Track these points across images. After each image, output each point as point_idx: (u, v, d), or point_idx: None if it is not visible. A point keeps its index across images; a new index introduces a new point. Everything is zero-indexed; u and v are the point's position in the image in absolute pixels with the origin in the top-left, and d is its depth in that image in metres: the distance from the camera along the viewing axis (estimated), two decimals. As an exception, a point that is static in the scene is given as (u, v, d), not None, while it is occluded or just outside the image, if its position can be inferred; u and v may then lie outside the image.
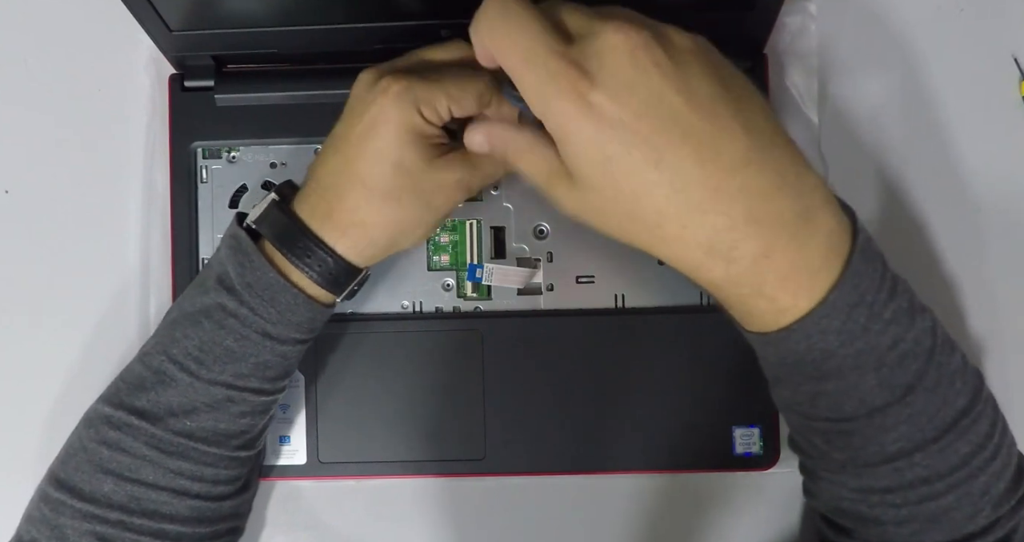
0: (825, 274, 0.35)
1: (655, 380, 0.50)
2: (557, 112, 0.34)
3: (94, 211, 0.53)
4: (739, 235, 0.34)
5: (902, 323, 0.36)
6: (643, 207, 0.35)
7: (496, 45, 0.36)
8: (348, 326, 0.51)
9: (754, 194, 0.34)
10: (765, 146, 0.35)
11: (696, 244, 0.35)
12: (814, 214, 0.35)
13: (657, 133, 0.33)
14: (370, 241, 0.42)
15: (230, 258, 0.43)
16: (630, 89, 0.33)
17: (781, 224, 0.34)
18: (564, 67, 0.34)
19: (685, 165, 0.34)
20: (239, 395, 0.43)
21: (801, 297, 0.36)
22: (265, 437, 0.48)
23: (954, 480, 0.38)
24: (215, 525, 0.45)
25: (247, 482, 0.47)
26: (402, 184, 0.41)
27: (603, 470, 0.51)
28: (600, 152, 0.34)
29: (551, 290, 0.51)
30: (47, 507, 0.43)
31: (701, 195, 0.34)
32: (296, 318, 0.42)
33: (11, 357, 0.53)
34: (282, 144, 0.51)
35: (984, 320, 0.52)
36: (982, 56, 0.52)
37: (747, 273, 0.35)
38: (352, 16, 0.45)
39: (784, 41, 0.52)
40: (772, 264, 0.35)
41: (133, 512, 0.42)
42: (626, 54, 0.33)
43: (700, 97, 0.34)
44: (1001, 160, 0.52)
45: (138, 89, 0.52)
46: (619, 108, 0.33)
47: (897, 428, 0.37)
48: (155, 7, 0.44)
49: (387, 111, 0.40)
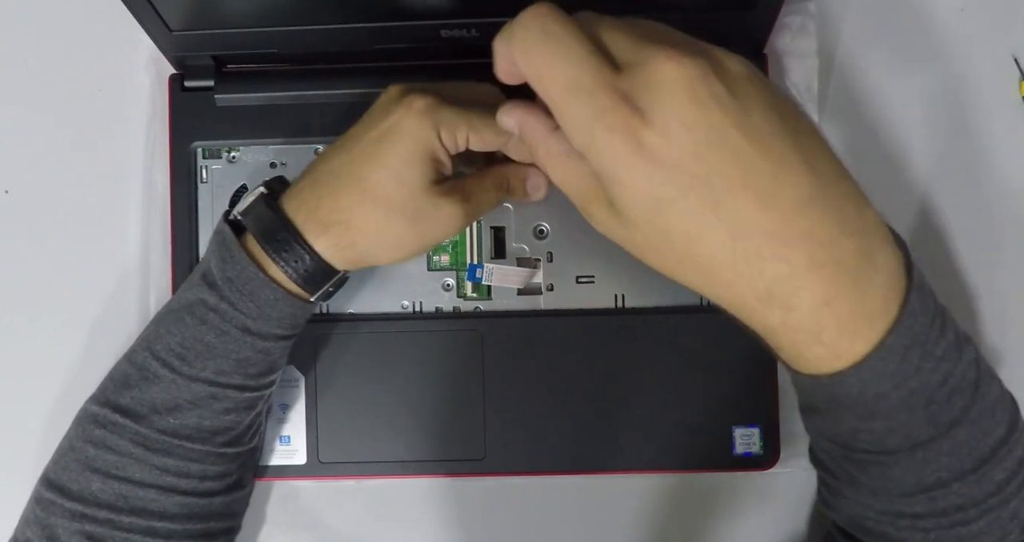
0: (883, 317, 0.33)
1: (655, 380, 0.50)
2: (605, 150, 0.31)
3: (94, 211, 0.53)
4: (799, 282, 0.31)
5: (951, 358, 0.35)
6: (696, 251, 0.32)
7: (535, 70, 0.32)
8: (348, 326, 0.51)
9: (817, 238, 0.31)
10: (827, 184, 0.32)
11: (752, 291, 0.32)
12: (875, 255, 0.32)
13: (716, 175, 0.30)
14: (350, 243, 0.42)
15: (214, 253, 0.43)
16: (688, 127, 0.30)
17: (844, 269, 0.32)
18: (614, 102, 0.30)
19: (746, 210, 0.31)
20: (222, 392, 0.43)
21: (859, 342, 0.33)
22: (258, 435, 0.48)
23: (987, 506, 0.36)
24: (207, 522, 0.45)
25: (240, 479, 0.47)
26: (397, 199, 0.41)
27: (603, 470, 0.51)
28: (652, 194, 0.31)
29: (551, 290, 0.51)
30: (39, 507, 0.43)
31: (760, 241, 0.31)
32: (276, 314, 0.42)
33: (11, 357, 0.53)
34: (282, 144, 0.51)
35: (992, 323, 0.52)
36: (982, 56, 0.52)
37: (805, 321, 0.32)
38: (352, 16, 0.45)
39: (784, 41, 0.52)
40: (833, 311, 0.32)
41: (121, 510, 0.42)
42: (683, 88, 0.30)
43: (761, 132, 0.31)
44: (1001, 160, 0.52)
45: (138, 89, 0.52)
46: (676, 149, 0.30)
47: (938, 460, 0.36)
48: (155, 7, 0.44)
49: (406, 123, 0.40)
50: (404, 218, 0.41)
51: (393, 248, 0.42)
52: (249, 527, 0.52)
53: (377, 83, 0.49)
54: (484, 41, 0.46)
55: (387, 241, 0.42)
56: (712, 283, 0.33)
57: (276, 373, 0.46)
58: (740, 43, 0.48)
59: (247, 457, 0.48)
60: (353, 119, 0.44)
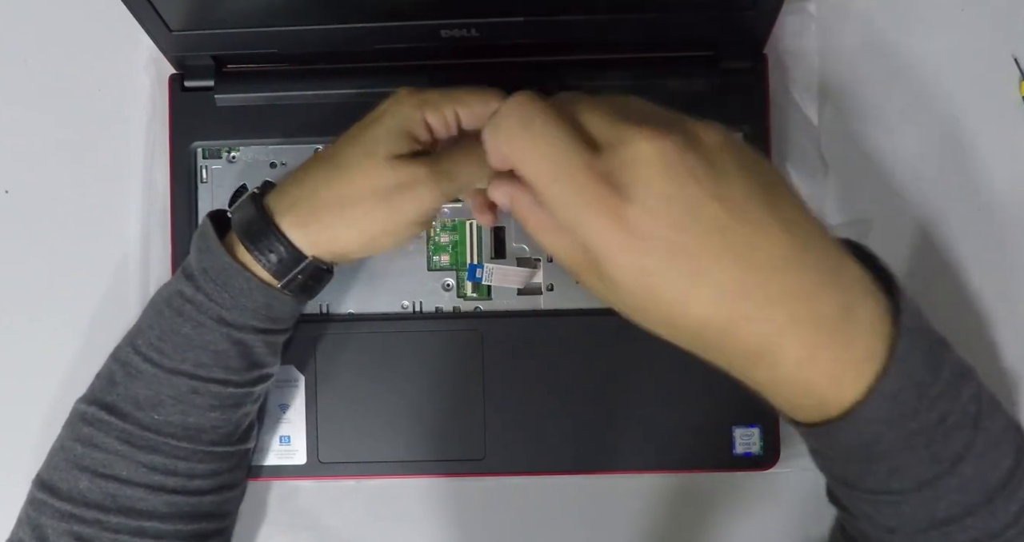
0: (870, 365, 0.33)
1: (655, 380, 0.50)
2: (589, 227, 0.32)
3: (94, 211, 0.53)
4: (783, 339, 0.33)
5: (948, 396, 0.35)
6: (684, 316, 0.33)
7: (519, 157, 0.34)
8: (348, 326, 0.51)
9: (796, 296, 0.32)
10: (805, 243, 0.33)
11: (741, 351, 0.33)
12: (856, 307, 0.33)
13: (697, 244, 0.32)
14: (315, 219, 0.42)
15: (193, 244, 0.44)
16: (667, 202, 0.31)
17: (824, 323, 0.33)
18: (594, 182, 0.32)
19: (727, 274, 0.32)
20: (203, 386, 0.43)
21: (847, 391, 0.34)
22: (252, 437, 0.48)
23: (1005, 538, 0.36)
24: (197, 522, 0.45)
25: (231, 480, 0.47)
26: (364, 170, 0.42)
27: (603, 470, 0.51)
28: (636, 265, 0.32)
29: (551, 290, 0.51)
30: (32, 507, 0.43)
31: (744, 303, 0.32)
32: (251, 304, 0.43)
33: (10, 357, 0.53)
34: (282, 144, 0.51)
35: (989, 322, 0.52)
36: (982, 56, 0.52)
37: (792, 375, 0.34)
38: (352, 16, 0.45)
39: (784, 41, 0.52)
40: (817, 365, 0.33)
41: (110, 510, 0.42)
42: (660, 165, 0.31)
43: (737, 200, 0.32)
44: (1001, 160, 0.52)
45: (138, 89, 0.52)
46: (656, 223, 0.31)
47: (948, 496, 0.36)
48: (155, 7, 0.44)
49: (391, 108, 0.42)
50: (367, 190, 0.42)
51: (361, 226, 0.42)
52: (249, 527, 0.52)
53: (377, 83, 0.49)
54: (484, 41, 0.47)
55: (354, 216, 0.42)
56: (702, 344, 0.34)
57: (261, 370, 0.46)
58: (740, 43, 0.49)
59: (239, 457, 0.47)
60: (353, 119, 0.44)
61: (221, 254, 0.42)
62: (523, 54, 0.50)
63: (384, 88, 0.49)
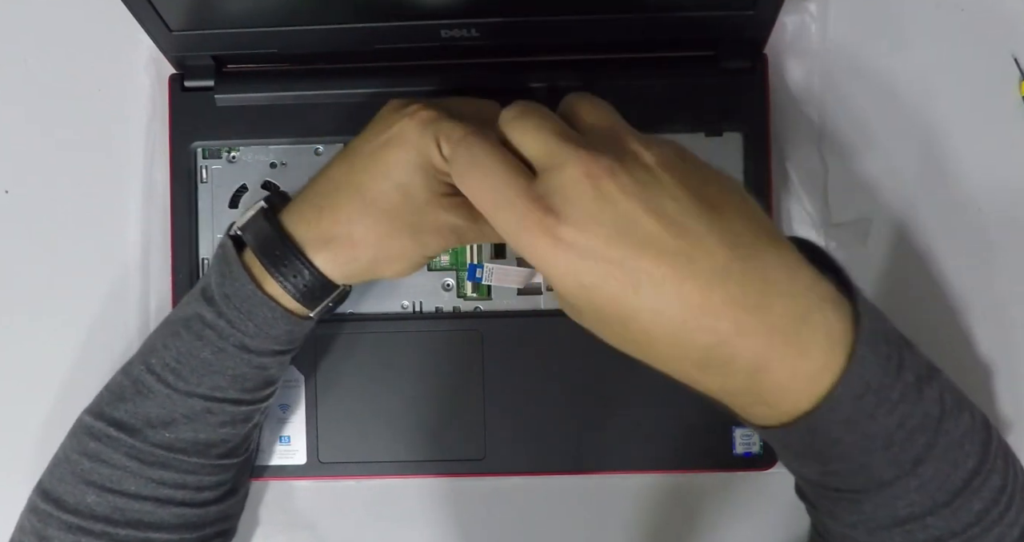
0: (827, 372, 0.34)
1: (655, 380, 0.49)
2: (530, 249, 0.34)
3: (94, 211, 0.53)
4: (731, 350, 0.33)
5: (909, 400, 0.35)
6: (631, 330, 0.34)
7: (468, 190, 0.36)
8: (348, 326, 0.51)
9: (740, 306, 0.33)
10: (747, 254, 0.33)
11: (690, 361, 0.34)
12: (811, 316, 0.33)
13: (631, 258, 0.33)
14: (351, 257, 0.42)
15: (214, 267, 0.43)
16: (597, 219, 0.33)
17: (775, 333, 0.33)
18: (531, 207, 0.34)
19: (664, 286, 0.33)
20: (218, 406, 0.43)
21: (803, 400, 0.34)
22: (253, 443, 0.48)
23: (968, 537, 0.36)
24: (202, 530, 0.45)
25: (234, 486, 0.47)
26: (399, 208, 0.41)
27: (603, 470, 0.51)
28: (577, 282, 0.33)
29: (551, 290, 0.51)
30: (35, 518, 0.43)
31: (685, 314, 0.33)
32: (274, 331, 0.42)
33: (10, 357, 0.53)
34: (282, 144, 0.51)
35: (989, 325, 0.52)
36: (982, 56, 0.52)
37: (744, 385, 0.34)
38: (352, 16, 0.45)
39: (784, 41, 0.52)
40: (770, 376, 0.33)
41: (118, 523, 0.42)
42: (588, 186, 0.33)
43: (671, 214, 0.33)
44: (1002, 160, 0.52)
45: (138, 89, 0.52)
46: (588, 238, 0.33)
47: (907, 496, 0.36)
48: (155, 7, 0.44)
49: (407, 132, 0.41)
50: (407, 230, 0.41)
51: (396, 260, 0.42)
52: (249, 527, 0.52)
53: (377, 83, 0.49)
54: (484, 41, 0.47)
55: (390, 254, 0.42)
56: (656, 357, 0.35)
57: (273, 387, 0.46)
58: (740, 43, 0.49)
59: (244, 465, 0.48)
60: (354, 119, 0.44)
61: (246, 282, 0.41)
62: (523, 54, 0.50)
63: (384, 88, 0.49)
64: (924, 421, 0.35)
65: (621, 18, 0.46)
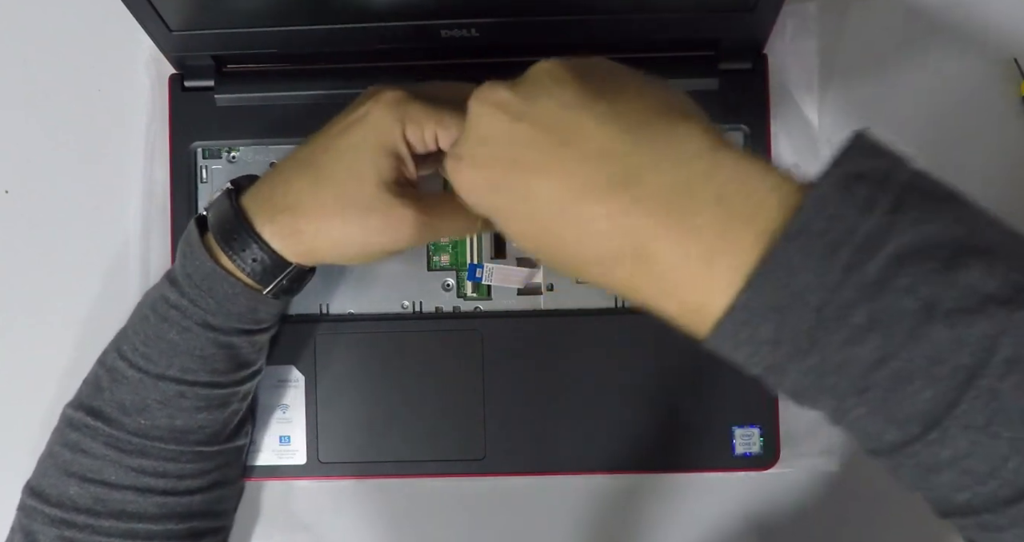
0: (731, 259, 0.29)
1: (655, 380, 0.50)
2: (463, 201, 0.36)
3: (94, 211, 0.53)
4: (612, 233, 0.31)
5: (899, 330, 0.27)
6: (543, 240, 0.34)
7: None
8: (348, 326, 0.51)
9: (618, 184, 0.31)
10: (630, 128, 0.32)
11: (595, 258, 0.32)
12: (697, 185, 0.30)
13: (512, 169, 0.33)
14: (294, 230, 0.41)
15: (179, 249, 0.43)
16: (483, 141, 0.34)
17: (655, 205, 0.30)
18: (453, 161, 0.35)
19: (549, 183, 0.32)
20: (190, 390, 0.43)
21: (713, 293, 0.29)
22: (243, 433, 0.48)
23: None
24: (188, 521, 0.45)
25: (224, 477, 0.47)
26: (349, 191, 0.41)
27: (603, 470, 0.51)
28: (483, 203, 0.35)
29: (551, 290, 0.51)
30: (23, 514, 0.43)
31: (577, 207, 0.31)
32: (236, 308, 0.43)
33: (9, 357, 0.53)
34: (282, 144, 0.51)
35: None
36: (982, 56, 0.52)
37: (639, 272, 0.31)
38: (352, 16, 0.45)
39: (784, 41, 0.52)
40: (659, 256, 0.30)
41: (100, 514, 0.42)
42: (475, 115, 0.35)
43: (545, 111, 0.33)
44: (1001, 160, 0.52)
45: (138, 89, 0.52)
46: (474, 159, 0.34)
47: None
48: (155, 7, 0.44)
49: (372, 115, 0.41)
50: (352, 210, 0.41)
51: (339, 244, 0.42)
52: (248, 527, 0.52)
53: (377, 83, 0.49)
54: (484, 41, 0.47)
55: (332, 236, 0.42)
56: (574, 265, 0.34)
57: (248, 369, 0.46)
58: (740, 43, 0.49)
59: (230, 455, 0.47)
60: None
61: (205, 259, 0.42)
62: (523, 54, 0.50)
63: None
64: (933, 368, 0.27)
65: (621, 18, 0.46)
